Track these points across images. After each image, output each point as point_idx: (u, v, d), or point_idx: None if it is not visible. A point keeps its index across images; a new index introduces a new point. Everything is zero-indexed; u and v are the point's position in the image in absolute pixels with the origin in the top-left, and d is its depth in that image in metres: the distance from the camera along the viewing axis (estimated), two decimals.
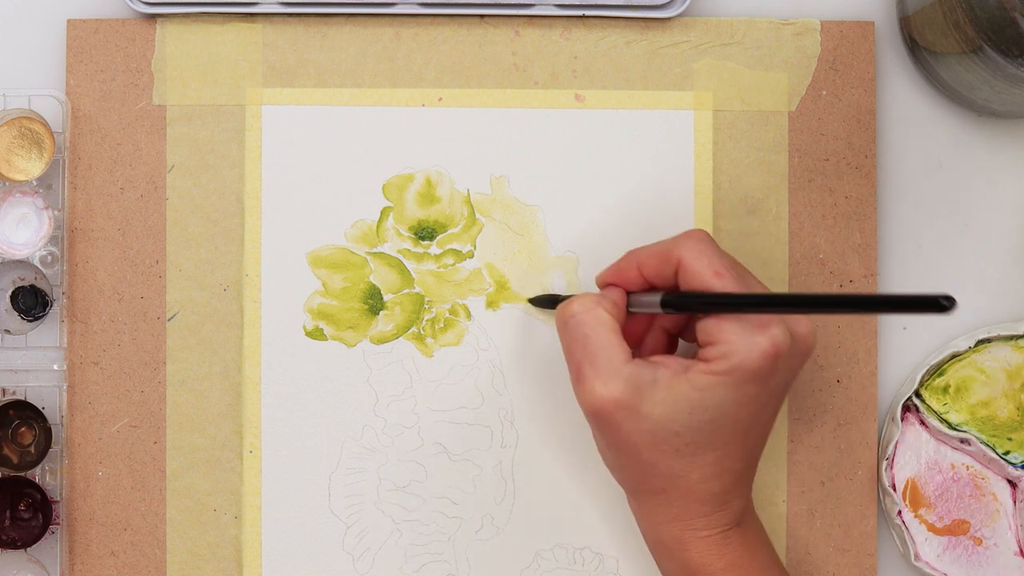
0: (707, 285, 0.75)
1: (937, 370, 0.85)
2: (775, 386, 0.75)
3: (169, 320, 0.85)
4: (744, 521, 0.77)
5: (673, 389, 0.74)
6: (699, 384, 0.74)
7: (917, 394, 0.85)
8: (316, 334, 0.85)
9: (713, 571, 0.76)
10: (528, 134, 0.85)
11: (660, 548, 0.78)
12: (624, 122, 0.85)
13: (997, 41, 0.76)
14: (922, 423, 0.85)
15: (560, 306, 0.77)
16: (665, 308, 0.76)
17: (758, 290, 0.76)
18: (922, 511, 0.85)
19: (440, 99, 0.85)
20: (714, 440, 0.74)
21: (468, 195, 0.85)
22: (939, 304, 0.67)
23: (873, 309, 0.73)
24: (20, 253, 0.84)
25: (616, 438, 0.75)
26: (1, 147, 0.83)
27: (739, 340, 0.73)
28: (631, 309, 0.78)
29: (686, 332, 0.81)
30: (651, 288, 0.78)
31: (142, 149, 0.85)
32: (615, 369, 0.74)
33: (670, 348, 0.81)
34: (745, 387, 0.74)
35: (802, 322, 0.76)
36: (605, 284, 0.80)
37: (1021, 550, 0.85)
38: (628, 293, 0.79)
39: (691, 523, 0.76)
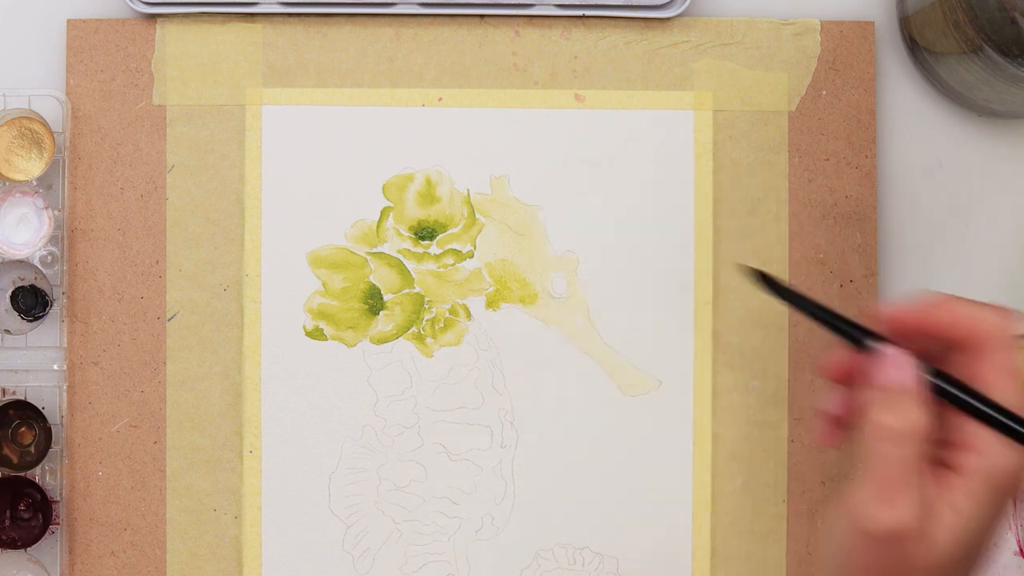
0: (996, 382, 0.65)
1: None
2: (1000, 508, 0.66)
3: (169, 320, 0.85)
4: None
5: (940, 515, 0.64)
6: (961, 507, 0.64)
7: None
8: (316, 334, 0.85)
9: None
10: (528, 134, 0.85)
11: None
12: (624, 122, 0.85)
13: (997, 41, 0.76)
14: None
15: (874, 408, 0.65)
16: (936, 381, 0.66)
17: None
18: None
19: (440, 99, 0.85)
20: (964, 568, 0.66)
21: (468, 195, 0.85)
22: None
23: None
24: (20, 253, 0.84)
25: (894, 571, 0.64)
26: (1, 147, 0.83)
27: (998, 451, 0.64)
28: None
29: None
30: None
31: (142, 149, 0.85)
32: (919, 497, 0.64)
33: None
34: (1002, 500, 0.65)
35: None
36: (894, 327, 0.68)
37: (1021, 549, 0.85)
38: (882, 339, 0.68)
39: None
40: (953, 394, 0.65)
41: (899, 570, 0.64)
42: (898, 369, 0.66)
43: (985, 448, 0.64)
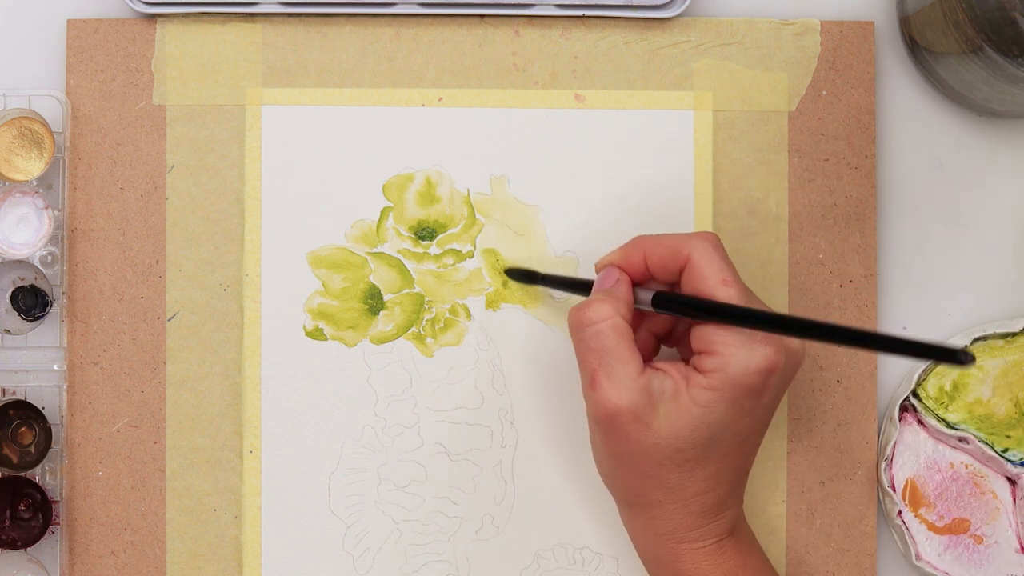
0: (711, 292, 0.75)
1: (934, 369, 0.85)
2: (769, 400, 0.75)
3: (169, 320, 0.84)
4: (736, 530, 0.78)
5: (678, 404, 0.74)
6: (700, 400, 0.74)
7: (914, 394, 0.85)
8: (316, 334, 0.85)
9: None
10: (528, 134, 0.85)
11: (655, 562, 0.78)
12: (624, 122, 0.85)
13: (997, 41, 0.76)
14: (920, 423, 0.85)
15: (575, 311, 0.76)
16: (657, 308, 0.76)
17: (758, 307, 0.76)
18: (922, 511, 0.85)
19: (440, 99, 0.85)
20: (712, 454, 0.75)
21: (468, 195, 0.85)
22: (956, 357, 0.66)
23: (881, 348, 0.70)
24: (20, 253, 0.84)
25: (622, 448, 0.75)
26: (1, 147, 0.83)
27: (736, 353, 0.73)
28: None
29: (670, 339, 0.81)
30: (650, 279, 0.78)
31: (142, 149, 0.85)
32: (631, 380, 0.74)
33: (655, 352, 0.81)
34: (741, 401, 0.74)
35: (794, 338, 0.75)
36: (606, 268, 0.78)
37: (1022, 547, 0.85)
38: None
39: (686, 535, 0.76)
40: (680, 307, 0.75)
41: (623, 447, 0.74)
42: (607, 276, 0.77)
43: (722, 349, 0.73)
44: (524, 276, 0.84)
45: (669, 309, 0.76)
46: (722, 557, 0.76)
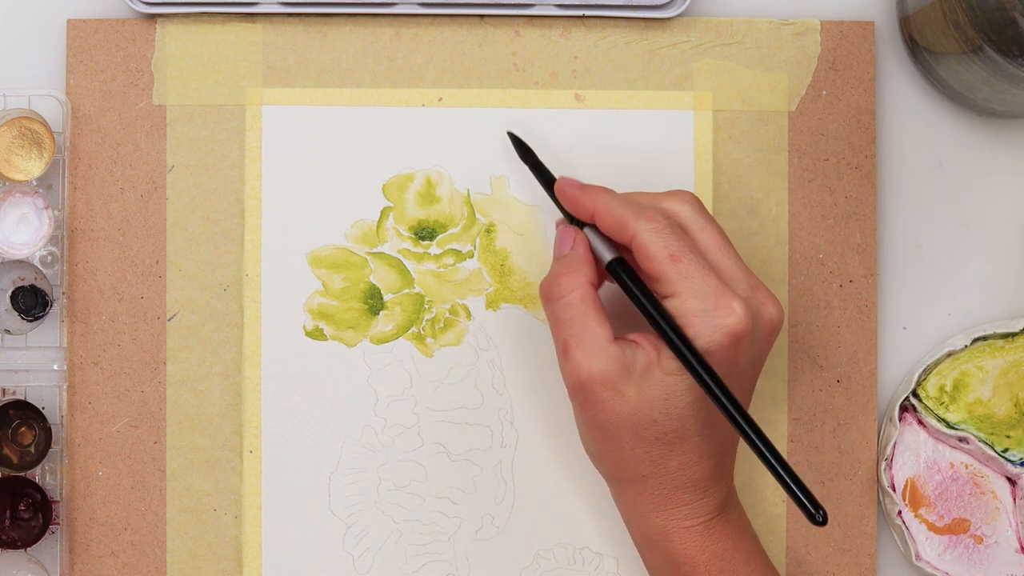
0: (662, 270, 0.75)
1: (934, 369, 0.85)
2: (743, 368, 0.75)
3: (169, 320, 0.85)
4: (727, 511, 0.77)
5: (651, 375, 0.74)
6: (670, 369, 0.74)
7: (915, 394, 0.85)
8: (316, 334, 0.85)
9: (697, 563, 0.76)
10: (528, 134, 0.85)
11: (645, 541, 0.78)
12: (624, 122, 0.85)
13: (997, 41, 0.76)
14: (920, 423, 0.85)
15: (545, 284, 0.77)
16: (609, 270, 0.77)
17: (727, 267, 0.76)
18: (922, 511, 0.85)
19: (440, 99, 0.85)
20: (691, 427, 0.75)
21: (468, 195, 0.85)
22: (813, 516, 0.71)
23: (769, 467, 0.73)
24: (20, 253, 0.84)
25: (600, 418, 0.75)
26: (1, 147, 0.83)
27: (700, 323, 0.74)
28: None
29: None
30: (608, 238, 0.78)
31: (142, 149, 0.85)
32: (601, 348, 0.75)
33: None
34: (715, 368, 0.74)
35: (768, 303, 0.76)
36: (563, 198, 0.79)
37: (1022, 547, 0.85)
38: (584, 225, 0.78)
39: (673, 513, 0.76)
40: (625, 284, 0.76)
41: (599, 416, 0.75)
42: (563, 238, 0.78)
43: (684, 320, 0.74)
44: (520, 147, 0.83)
45: (617, 280, 0.77)
46: (711, 539, 0.76)
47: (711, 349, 0.73)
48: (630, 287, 0.76)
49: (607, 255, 0.77)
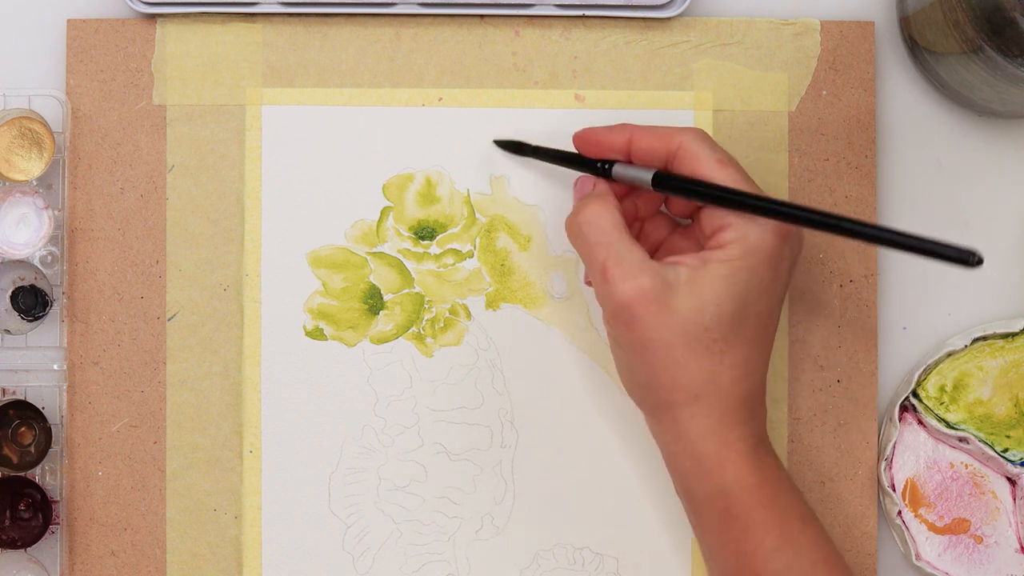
0: (709, 173, 0.75)
1: (934, 369, 0.85)
2: (783, 272, 0.76)
3: (169, 320, 0.85)
4: (766, 439, 0.76)
5: (699, 282, 0.74)
6: (720, 272, 0.74)
7: (915, 394, 0.85)
8: (316, 334, 0.85)
9: (749, 488, 0.74)
10: (528, 134, 0.85)
11: (695, 470, 0.75)
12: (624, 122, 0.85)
13: (997, 41, 0.76)
14: (920, 423, 0.85)
15: (571, 217, 0.77)
16: (657, 187, 0.77)
17: (755, 189, 0.76)
18: (922, 511, 0.85)
19: (440, 99, 0.85)
20: (741, 334, 0.74)
21: (468, 195, 0.85)
22: (965, 258, 0.69)
23: (883, 242, 0.72)
24: (20, 253, 0.84)
25: (646, 337, 0.74)
26: (1, 147, 0.83)
27: (749, 223, 0.74)
28: (615, 179, 0.79)
29: (646, 240, 0.82)
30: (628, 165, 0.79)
31: (142, 149, 0.85)
32: (641, 264, 0.74)
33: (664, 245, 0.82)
34: (762, 271, 0.74)
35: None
36: (586, 146, 0.80)
37: (1022, 547, 0.85)
38: (608, 165, 0.79)
39: (728, 435, 0.74)
40: (681, 185, 0.76)
41: (647, 335, 0.74)
42: (584, 183, 0.80)
43: (736, 221, 0.74)
44: (513, 147, 0.84)
45: (668, 189, 0.76)
46: (761, 464, 0.75)
47: (763, 246, 0.74)
48: (686, 184, 0.76)
49: (647, 174, 0.77)
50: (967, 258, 0.69)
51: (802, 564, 0.74)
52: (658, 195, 0.79)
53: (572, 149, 0.82)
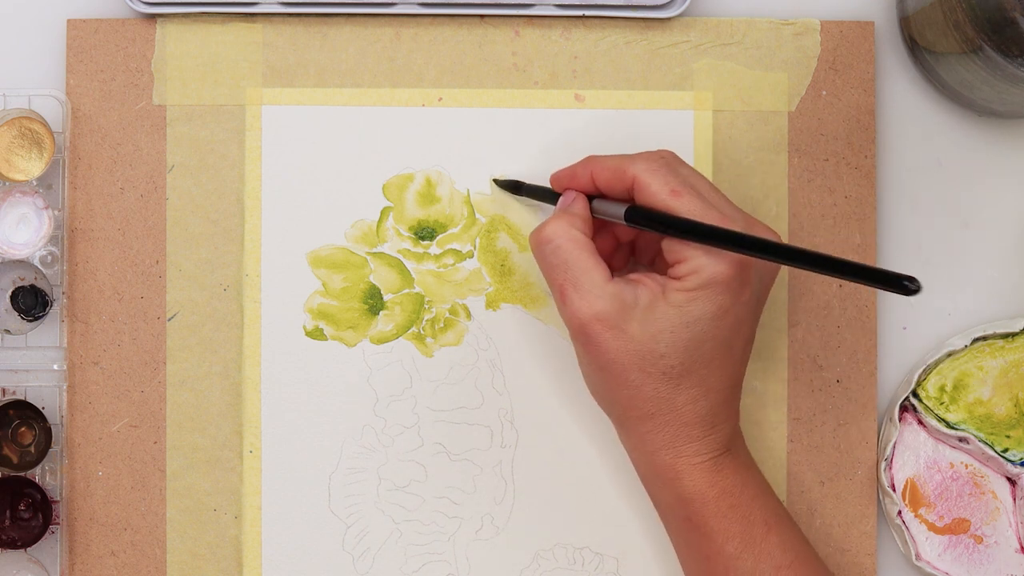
0: (665, 205, 0.76)
1: (934, 369, 0.85)
2: (748, 299, 0.76)
3: (169, 320, 0.85)
4: (734, 448, 0.78)
5: (655, 309, 0.75)
6: (676, 301, 0.74)
7: (914, 394, 0.85)
8: (316, 334, 0.85)
9: (707, 499, 0.76)
10: (528, 134, 0.85)
11: (654, 479, 0.78)
12: (624, 122, 0.85)
13: (997, 41, 0.76)
14: (920, 423, 0.85)
15: (533, 233, 0.78)
16: (629, 222, 0.77)
17: (723, 206, 0.77)
18: (922, 511, 0.85)
19: (440, 99, 0.85)
20: (697, 359, 0.75)
21: (468, 195, 0.85)
22: (903, 285, 0.69)
23: (835, 272, 0.72)
24: (20, 253, 0.84)
25: (603, 358, 0.75)
26: (1, 147, 0.83)
27: (706, 254, 0.74)
28: (595, 214, 0.79)
29: (642, 254, 0.82)
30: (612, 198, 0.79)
31: (142, 149, 0.85)
32: (598, 287, 0.75)
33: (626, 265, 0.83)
34: (719, 299, 0.74)
35: (767, 235, 0.76)
36: (560, 186, 0.81)
37: (1022, 547, 0.85)
38: (592, 198, 0.80)
39: (682, 449, 0.76)
40: (650, 220, 0.76)
41: (603, 357, 0.75)
42: (566, 197, 0.80)
43: (692, 254, 0.75)
44: (510, 187, 0.85)
45: (639, 223, 0.77)
46: (720, 475, 0.76)
47: (719, 277, 0.74)
48: (656, 217, 0.76)
49: (619, 209, 0.77)
50: (907, 284, 0.69)
51: (764, 570, 0.76)
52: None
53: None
